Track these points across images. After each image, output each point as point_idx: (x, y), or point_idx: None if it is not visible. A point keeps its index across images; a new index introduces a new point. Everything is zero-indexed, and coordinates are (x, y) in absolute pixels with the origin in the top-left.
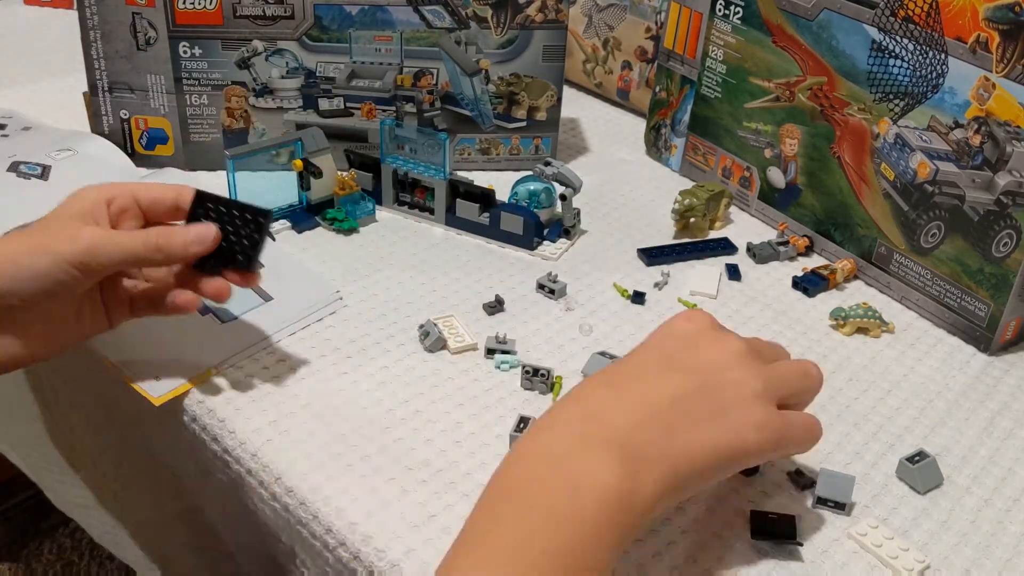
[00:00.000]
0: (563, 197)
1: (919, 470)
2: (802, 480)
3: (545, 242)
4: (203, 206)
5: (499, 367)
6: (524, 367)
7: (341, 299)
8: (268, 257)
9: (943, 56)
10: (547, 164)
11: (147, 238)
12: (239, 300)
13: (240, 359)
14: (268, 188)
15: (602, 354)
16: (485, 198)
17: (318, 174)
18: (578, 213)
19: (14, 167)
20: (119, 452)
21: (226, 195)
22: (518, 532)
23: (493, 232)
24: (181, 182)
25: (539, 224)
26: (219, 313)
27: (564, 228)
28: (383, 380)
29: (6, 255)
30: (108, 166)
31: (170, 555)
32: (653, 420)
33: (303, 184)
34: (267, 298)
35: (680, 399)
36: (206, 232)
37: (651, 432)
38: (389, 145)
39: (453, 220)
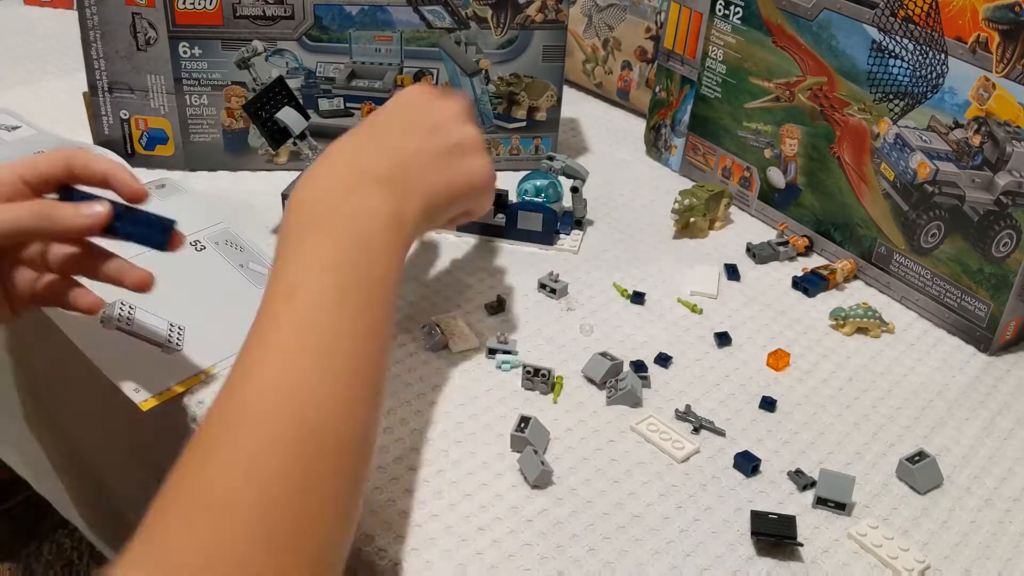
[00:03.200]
0: (574, 189)
1: (919, 470)
2: (802, 480)
3: (560, 235)
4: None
5: (500, 367)
6: (525, 367)
7: None
8: (261, 267)
9: (943, 56)
10: (551, 159)
11: (33, 206)
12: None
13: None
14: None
15: (603, 355)
16: (499, 199)
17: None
18: (586, 203)
19: None
20: (116, 453)
21: None
22: (326, 253)
23: (510, 232)
24: (180, 181)
25: (556, 219)
26: None
27: (576, 219)
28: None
29: None
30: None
31: None
32: (409, 164)
33: None
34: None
35: (426, 150)
36: (99, 208)
37: (407, 174)
38: None
39: (466, 225)
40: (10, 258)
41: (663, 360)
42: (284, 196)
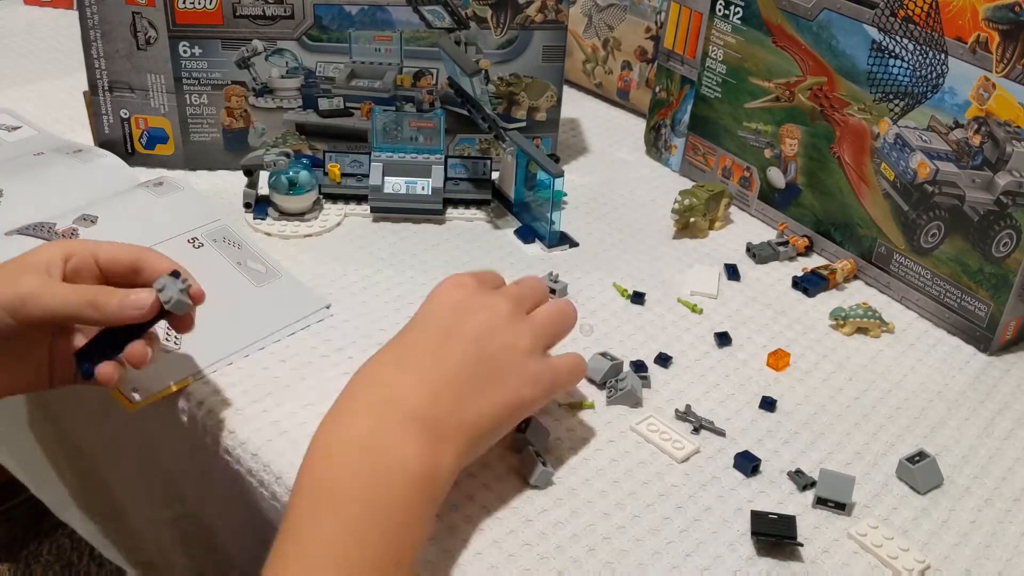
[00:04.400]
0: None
1: (919, 470)
2: (802, 480)
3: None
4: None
5: None
6: None
7: (328, 308)
8: (258, 268)
9: (943, 56)
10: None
11: (84, 293)
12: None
13: (239, 361)
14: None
15: (603, 355)
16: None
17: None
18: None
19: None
20: (115, 453)
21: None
22: (339, 529)
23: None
24: (178, 179)
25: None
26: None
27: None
28: None
29: None
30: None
31: (165, 559)
32: (444, 392)
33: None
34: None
35: (463, 368)
36: (144, 298)
37: (444, 405)
38: (380, 135)
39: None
40: (63, 335)
41: (663, 360)
42: (243, 168)
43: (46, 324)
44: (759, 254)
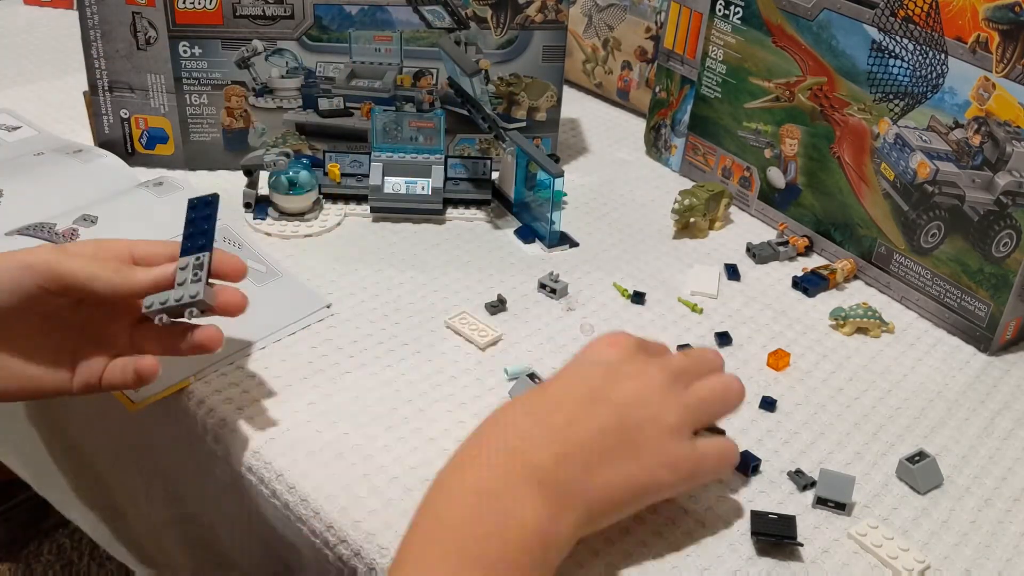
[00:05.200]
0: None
1: (919, 470)
2: (802, 480)
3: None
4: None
5: (506, 371)
6: (532, 375)
7: (329, 307)
8: (258, 267)
9: (943, 56)
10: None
11: (110, 260)
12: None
13: (240, 360)
14: None
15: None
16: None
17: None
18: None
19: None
20: (115, 453)
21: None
22: (447, 573)
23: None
24: (178, 179)
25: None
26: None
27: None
28: (386, 379)
29: None
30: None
31: (165, 559)
32: (574, 456)
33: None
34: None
35: (599, 434)
36: (168, 267)
37: (572, 469)
38: (380, 135)
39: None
40: (92, 340)
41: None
42: (243, 168)
43: (64, 292)
44: (759, 254)
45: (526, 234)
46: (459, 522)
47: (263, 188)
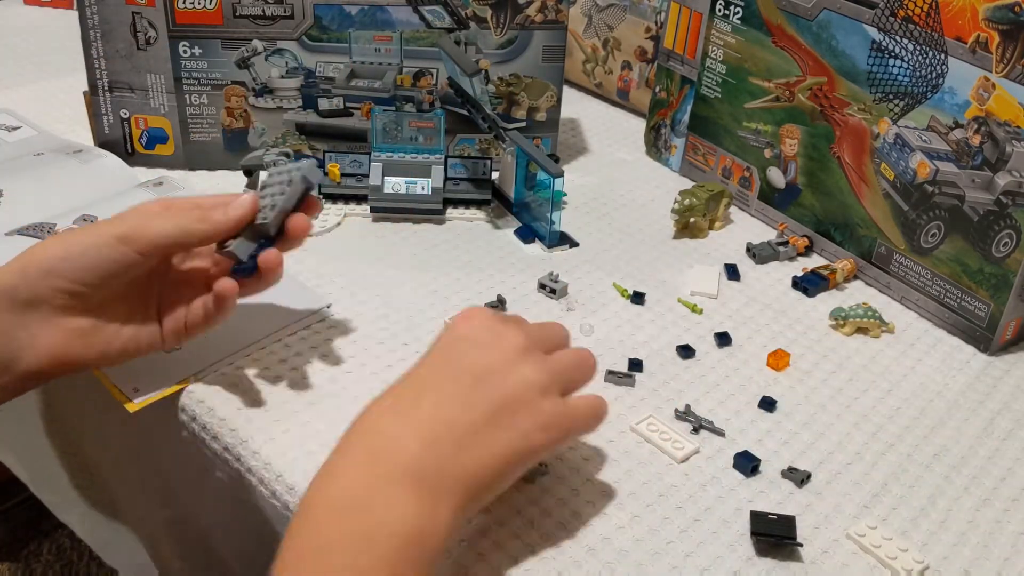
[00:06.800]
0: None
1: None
2: (797, 476)
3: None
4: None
5: None
6: None
7: (329, 307)
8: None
9: (943, 56)
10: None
11: (193, 212)
12: None
13: (239, 360)
14: None
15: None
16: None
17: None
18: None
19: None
20: (115, 453)
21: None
22: None
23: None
24: (178, 179)
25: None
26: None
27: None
28: (387, 379)
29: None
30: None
31: (160, 563)
32: (444, 438)
33: None
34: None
35: (466, 409)
36: (245, 199)
37: (443, 451)
38: (380, 135)
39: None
40: (174, 290)
41: (686, 351)
42: (243, 168)
43: (158, 253)
44: (759, 254)
45: (526, 234)
46: (325, 543)
47: None
